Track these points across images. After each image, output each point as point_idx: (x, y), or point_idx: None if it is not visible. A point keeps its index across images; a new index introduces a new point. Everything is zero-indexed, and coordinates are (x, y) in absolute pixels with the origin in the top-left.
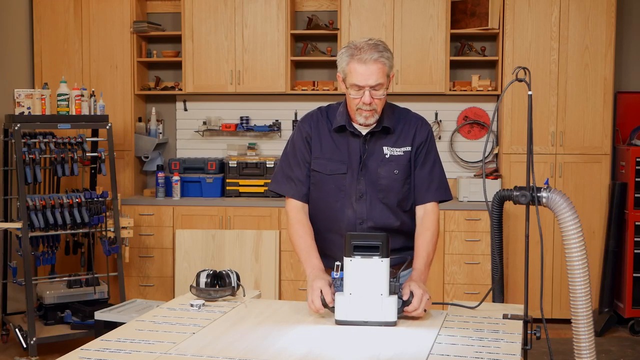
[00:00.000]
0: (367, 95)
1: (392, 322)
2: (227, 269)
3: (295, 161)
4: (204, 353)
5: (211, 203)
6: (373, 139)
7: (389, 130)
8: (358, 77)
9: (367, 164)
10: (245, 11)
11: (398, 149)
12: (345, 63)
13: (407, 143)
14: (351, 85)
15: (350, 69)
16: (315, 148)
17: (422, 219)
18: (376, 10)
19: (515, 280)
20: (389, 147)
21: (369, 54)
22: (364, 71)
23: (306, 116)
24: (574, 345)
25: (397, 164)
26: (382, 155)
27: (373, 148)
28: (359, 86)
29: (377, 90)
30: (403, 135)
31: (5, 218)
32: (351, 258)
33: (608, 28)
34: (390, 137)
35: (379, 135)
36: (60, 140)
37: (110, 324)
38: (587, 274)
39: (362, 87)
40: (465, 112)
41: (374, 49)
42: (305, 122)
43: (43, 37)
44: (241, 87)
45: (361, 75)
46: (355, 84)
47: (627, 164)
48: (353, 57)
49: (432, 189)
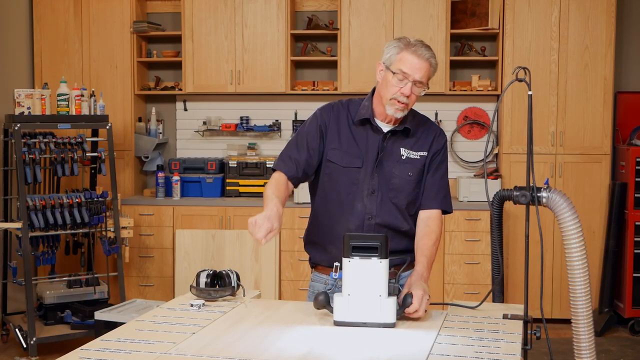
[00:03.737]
0: (409, 87)
1: (391, 323)
2: (227, 269)
3: (301, 144)
4: (204, 353)
5: (211, 203)
6: (392, 139)
7: (409, 132)
8: (408, 66)
9: (382, 162)
10: (245, 11)
11: (415, 152)
12: (396, 52)
13: (424, 148)
14: (398, 71)
15: (401, 57)
16: (333, 139)
17: (426, 222)
18: (376, 10)
19: (515, 280)
20: (407, 149)
21: (425, 50)
22: (416, 63)
23: (327, 106)
24: (574, 345)
25: (412, 167)
26: (398, 156)
27: (391, 147)
28: (405, 74)
29: (418, 87)
30: (421, 140)
31: (5, 218)
32: (350, 259)
33: (608, 28)
34: (409, 140)
35: (399, 136)
36: (60, 140)
37: (110, 324)
38: (587, 274)
39: (407, 77)
40: (465, 112)
41: (428, 49)
42: (325, 111)
43: (43, 37)
44: (241, 87)
45: (412, 65)
46: (403, 71)
47: (627, 164)
48: (407, 47)
49: (440, 197)
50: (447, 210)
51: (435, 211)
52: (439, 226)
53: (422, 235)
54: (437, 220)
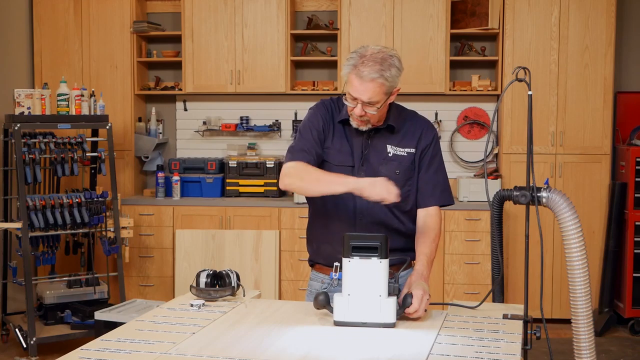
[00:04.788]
0: (359, 108)
1: (391, 323)
2: (227, 269)
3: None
4: (204, 353)
5: (211, 203)
6: (377, 136)
7: (393, 129)
8: (354, 89)
9: (369, 160)
10: (245, 11)
11: (402, 149)
12: (347, 71)
13: (412, 145)
14: (348, 93)
15: (350, 79)
16: (328, 137)
17: (424, 221)
18: (376, 10)
19: (515, 280)
20: (393, 146)
21: (369, 70)
22: (360, 86)
23: (321, 103)
24: (574, 345)
25: (399, 164)
26: (385, 154)
27: (377, 145)
28: (353, 98)
29: (372, 106)
30: (408, 136)
31: (5, 218)
32: (350, 259)
33: (608, 28)
34: (394, 137)
35: (384, 133)
36: (60, 140)
37: (110, 324)
38: (587, 274)
39: (356, 100)
40: (465, 112)
41: (377, 64)
42: (320, 108)
43: (43, 37)
44: (241, 87)
45: (357, 89)
46: (351, 94)
47: (627, 164)
48: (355, 68)
49: (436, 193)
50: (447, 203)
51: (433, 208)
52: (438, 223)
53: (420, 233)
54: (435, 217)
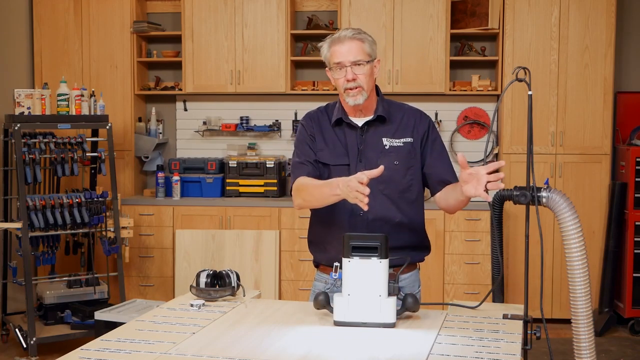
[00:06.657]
0: (350, 71)
1: (390, 323)
2: (227, 269)
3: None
4: (204, 353)
5: (211, 203)
6: (371, 130)
7: (384, 119)
8: (337, 55)
9: (366, 155)
10: (245, 11)
11: (397, 139)
12: (327, 51)
13: (407, 134)
14: (334, 65)
15: (332, 53)
16: (320, 142)
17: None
18: (376, 10)
19: (515, 280)
20: (388, 138)
21: (345, 33)
22: (343, 48)
23: (308, 115)
24: (574, 345)
25: (397, 155)
26: (381, 147)
27: (372, 139)
28: (339, 64)
29: (360, 66)
30: (402, 126)
31: (5, 218)
32: (349, 259)
33: (608, 28)
34: (389, 128)
35: (377, 126)
36: (60, 140)
37: (110, 324)
38: (587, 274)
39: (343, 65)
40: (465, 112)
41: (351, 30)
42: (307, 120)
43: (43, 37)
44: (241, 87)
45: (340, 53)
46: (336, 62)
47: (627, 164)
48: (333, 42)
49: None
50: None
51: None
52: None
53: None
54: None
